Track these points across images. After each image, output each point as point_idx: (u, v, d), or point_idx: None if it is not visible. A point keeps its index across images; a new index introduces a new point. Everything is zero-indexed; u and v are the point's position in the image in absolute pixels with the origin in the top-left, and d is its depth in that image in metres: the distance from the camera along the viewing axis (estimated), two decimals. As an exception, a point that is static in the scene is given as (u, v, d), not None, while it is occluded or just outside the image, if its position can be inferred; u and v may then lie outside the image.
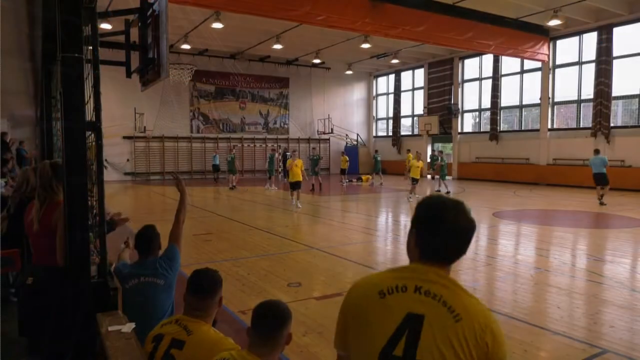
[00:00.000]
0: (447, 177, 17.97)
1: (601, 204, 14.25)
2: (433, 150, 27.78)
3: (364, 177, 26.10)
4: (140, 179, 26.42)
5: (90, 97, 2.95)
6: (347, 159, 22.88)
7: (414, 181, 16.24)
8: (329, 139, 32.40)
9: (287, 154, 22.22)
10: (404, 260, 6.92)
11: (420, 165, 16.66)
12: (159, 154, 27.25)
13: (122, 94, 24.80)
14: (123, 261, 3.50)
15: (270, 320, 2.04)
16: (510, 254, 8.11)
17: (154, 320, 2.86)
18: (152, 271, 3.24)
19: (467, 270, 6.88)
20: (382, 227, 11.34)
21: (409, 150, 24.01)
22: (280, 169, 23.96)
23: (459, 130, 27.43)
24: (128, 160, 26.13)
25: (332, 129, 31.16)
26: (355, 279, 1.66)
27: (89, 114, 2.95)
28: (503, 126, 25.51)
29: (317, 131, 31.80)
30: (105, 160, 25.84)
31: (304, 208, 14.37)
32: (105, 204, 3.11)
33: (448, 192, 17.12)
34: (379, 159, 24.59)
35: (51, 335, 2.90)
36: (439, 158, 19.80)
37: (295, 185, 14.49)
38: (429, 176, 27.42)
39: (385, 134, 33.93)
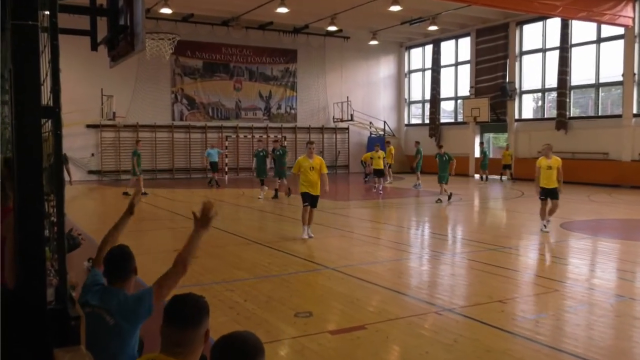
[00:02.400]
0: (446, 179, 16.94)
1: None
2: (482, 143, 27.63)
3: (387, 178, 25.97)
4: (108, 179, 26.73)
5: (47, 75, 2.98)
6: (383, 154, 20.47)
7: (377, 173, 19.68)
8: (347, 128, 32.42)
9: (279, 149, 19.18)
10: (443, 283, 6.91)
11: (381, 155, 19.30)
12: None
13: (86, 71, 25.05)
14: (94, 274, 3.50)
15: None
16: (584, 277, 8.02)
17: None
18: (107, 303, 3.23)
19: (528, 298, 6.82)
20: (417, 242, 11.31)
21: (418, 142, 23.97)
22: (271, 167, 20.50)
23: (516, 117, 27.23)
24: (93, 155, 26.46)
25: (352, 115, 31.18)
26: (384, 307, 1.66)
27: (45, 97, 2.98)
28: (574, 111, 25.23)
29: (333, 118, 31.86)
30: (64, 155, 26.29)
31: (316, 216, 14.39)
32: (66, 212, 3.14)
33: (439, 201, 16.81)
34: (422, 153, 23.70)
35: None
36: (418, 150, 21.08)
37: (310, 200, 10.78)
38: (476, 175, 27.25)
39: (420, 121, 33.82)
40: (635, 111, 22.54)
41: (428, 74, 32.14)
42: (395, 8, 23.34)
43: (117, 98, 25.91)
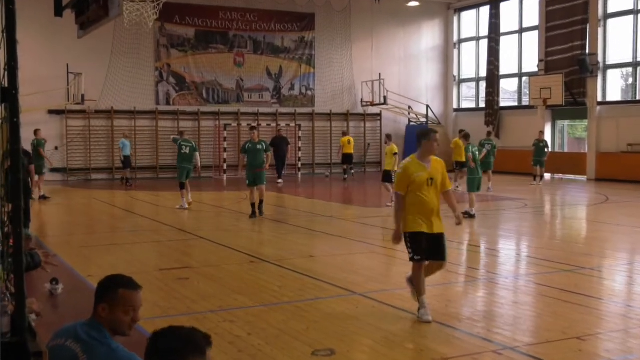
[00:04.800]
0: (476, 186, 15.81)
1: None
2: (541, 132, 26.77)
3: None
4: (75, 179, 27.06)
5: (0, 47, 3.03)
6: (394, 149, 18.12)
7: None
8: (380, 114, 32.40)
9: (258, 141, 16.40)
10: (503, 314, 6.91)
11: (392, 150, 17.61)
12: (106, 139, 27.84)
13: (49, 43, 25.35)
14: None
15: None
16: (688, 306, 7.90)
17: None
18: (86, 338, 3.27)
19: (614, 334, 6.74)
20: (470, 260, 11.26)
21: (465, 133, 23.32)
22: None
23: (599, 99, 26.94)
24: (56, 148, 26.79)
25: (385, 98, 31.15)
26: (426, 345, 1.66)
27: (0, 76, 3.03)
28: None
29: (362, 101, 31.89)
30: (56, 147, 26.60)
31: (339, 228, 14.35)
32: (25, 220, 3.20)
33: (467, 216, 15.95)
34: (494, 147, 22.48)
35: None
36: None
37: (432, 249, 7.72)
38: (547, 175, 26.96)
39: (473, 104, 33.64)
40: None
41: (484, 44, 31.96)
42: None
43: (87, 77, 26.19)
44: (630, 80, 26.71)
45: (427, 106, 32.48)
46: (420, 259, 7.16)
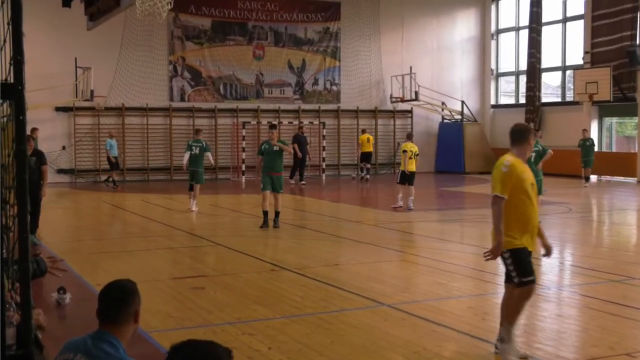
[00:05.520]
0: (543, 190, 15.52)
1: None
2: (585, 130, 26.37)
3: None
4: (83, 181, 27.32)
5: (5, 41, 3.06)
6: (415, 149, 18.19)
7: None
8: (411, 111, 32.32)
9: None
10: (545, 327, 6.84)
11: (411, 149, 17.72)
12: (117, 138, 27.96)
13: (56, 35, 25.58)
14: None
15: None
16: None
17: None
18: (99, 353, 3.29)
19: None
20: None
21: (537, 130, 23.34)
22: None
23: (651, 94, 26.60)
24: (64, 148, 27.08)
25: (416, 94, 31.05)
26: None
27: (4, 71, 3.06)
28: None
29: (391, 97, 31.81)
30: (63, 147, 26.89)
31: (366, 234, 14.31)
32: (32, 226, 3.23)
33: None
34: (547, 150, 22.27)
35: None
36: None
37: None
38: (593, 177, 26.68)
39: (513, 100, 33.42)
40: None
41: (524, 34, 31.72)
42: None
43: (97, 72, 26.45)
44: (685, 73, 26.35)
45: (462, 102, 32.32)
46: (534, 280, 6.25)
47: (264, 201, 14.53)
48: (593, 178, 26.90)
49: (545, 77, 31.51)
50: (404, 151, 17.94)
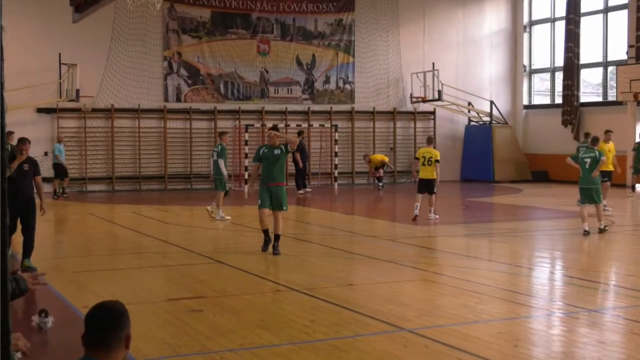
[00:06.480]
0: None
1: None
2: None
3: None
4: (68, 190, 27.30)
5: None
6: (436, 154, 18.61)
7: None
8: (433, 113, 32.33)
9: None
10: (585, 355, 6.84)
11: (433, 156, 18.12)
12: (106, 143, 28.16)
13: (39, 29, 25.69)
14: None
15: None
16: None
17: None
18: None
19: None
20: (543, 291, 11.13)
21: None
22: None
23: None
24: (46, 154, 27.14)
25: (439, 93, 31.05)
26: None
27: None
28: None
29: (411, 97, 31.81)
30: (45, 153, 26.96)
31: (384, 250, 14.29)
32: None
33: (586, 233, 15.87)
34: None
35: None
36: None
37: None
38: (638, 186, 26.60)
39: (548, 100, 33.38)
40: None
41: (560, 26, 31.70)
42: None
43: (83, 69, 26.51)
44: None
45: (491, 102, 32.29)
46: None
47: (261, 220, 13.43)
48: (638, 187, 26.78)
49: (585, 74, 31.45)
50: (416, 158, 18.61)
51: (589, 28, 30.80)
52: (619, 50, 29.54)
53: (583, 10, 30.64)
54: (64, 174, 25.04)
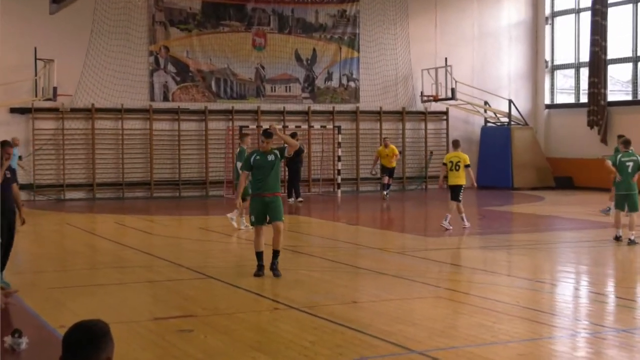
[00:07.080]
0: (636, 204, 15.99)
1: None
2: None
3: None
4: (44, 199, 27.38)
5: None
6: (466, 158, 19.38)
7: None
8: (446, 113, 32.40)
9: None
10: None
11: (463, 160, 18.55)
12: (85, 146, 28.18)
13: (12, 21, 25.70)
14: None
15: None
16: None
17: None
18: None
19: None
20: (567, 309, 11.12)
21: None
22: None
23: None
24: (21, 158, 27.08)
25: (453, 91, 31.05)
26: None
27: None
28: None
29: (422, 96, 31.83)
30: (20, 157, 26.99)
31: (392, 264, 14.25)
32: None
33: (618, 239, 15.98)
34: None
35: None
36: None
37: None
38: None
39: (572, 99, 33.43)
40: None
41: (586, 17, 31.74)
42: None
43: (61, 65, 26.53)
44: None
45: (510, 101, 32.33)
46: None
47: (256, 239, 12.82)
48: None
49: (612, 70, 31.47)
50: (443, 163, 19.09)
51: (617, 19, 30.87)
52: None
53: (610, 0, 30.61)
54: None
